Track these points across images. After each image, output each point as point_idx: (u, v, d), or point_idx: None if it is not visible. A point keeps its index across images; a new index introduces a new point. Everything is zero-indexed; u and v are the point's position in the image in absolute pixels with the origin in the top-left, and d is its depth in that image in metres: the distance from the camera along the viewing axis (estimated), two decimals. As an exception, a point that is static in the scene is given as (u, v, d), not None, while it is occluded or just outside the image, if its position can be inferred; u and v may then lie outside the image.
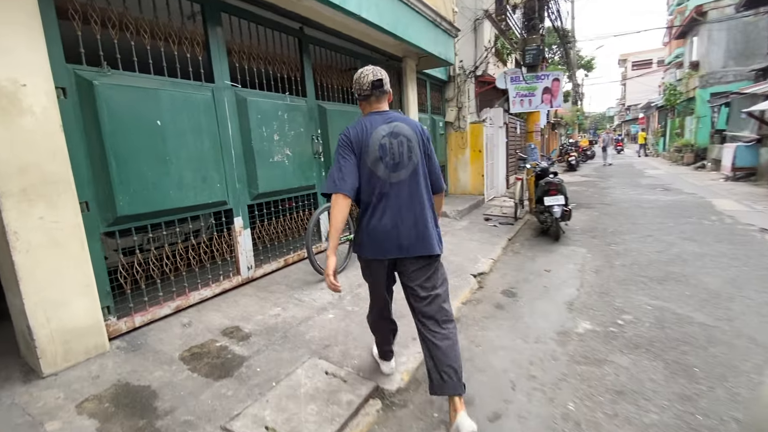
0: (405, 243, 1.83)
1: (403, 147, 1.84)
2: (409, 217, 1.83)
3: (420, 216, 1.85)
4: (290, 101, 3.97)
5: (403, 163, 1.84)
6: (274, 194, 3.80)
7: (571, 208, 5.41)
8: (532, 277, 4.09)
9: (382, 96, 1.96)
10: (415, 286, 1.92)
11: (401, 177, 1.84)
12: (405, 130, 1.86)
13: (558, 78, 6.91)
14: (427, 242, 1.85)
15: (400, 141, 1.84)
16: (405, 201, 1.84)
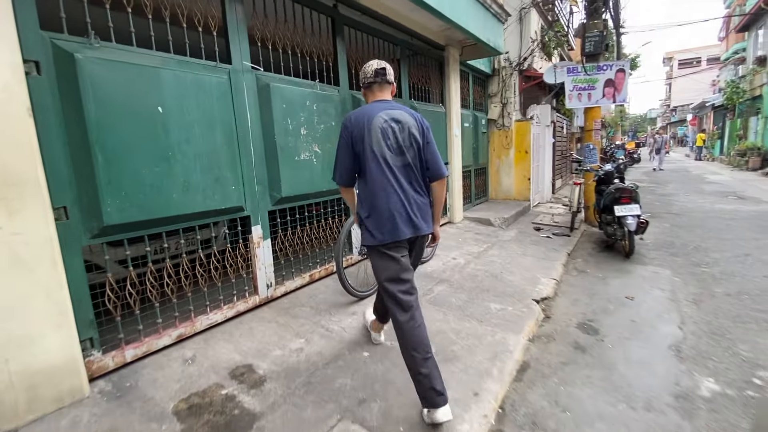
0: (416, 223, 1.92)
1: (404, 133, 1.91)
2: (416, 199, 1.94)
3: (423, 198, 1.98)
4: (320, 90, 3.38)
5: (405, 147, 1.91)
6: (300, 198, 3.22)
7: (648, 219, 4.54)
8: (611, 306, 3.30)
9: (384, 85, 2.06)
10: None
11: (406, 161, 1.92)
12: (406, 118, 1.94)
13: (623, 69, 6.01)
14: (429, 222, 2.00)
15: (401, 127, 1.90)
16: (410, 184, 1.94)
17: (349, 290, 3.09)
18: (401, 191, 1.89)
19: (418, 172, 1.96)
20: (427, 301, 3.26)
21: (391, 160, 1.88)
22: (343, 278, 3.04)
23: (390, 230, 1.87)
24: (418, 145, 1.93)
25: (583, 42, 6.08)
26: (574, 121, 12.25)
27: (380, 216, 1.88)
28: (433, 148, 1.99)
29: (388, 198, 1.87)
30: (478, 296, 3.39)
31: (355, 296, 3.14)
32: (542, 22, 9.71)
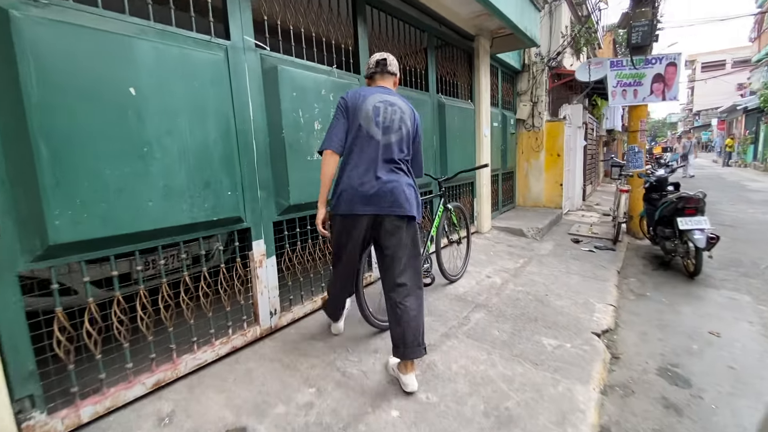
0: (388, 201, 1.89)
1: (396, 115, 1.98)
2: (394, 178, 1.92)
3: (402, 179, 1.95)
4: (338, 77, 2.84)
5: (393, 128, 1.96)
6: (312, 206, 2.66)
7: (718, 234, 3.87)
8: (694, 345, 2.66)
9: (386, 75, 2.14)
10: (386, 251, 1.97)
11: (391, 140, 1.95)
12: (399, 103, 2.03)
13: (675, 62, 5.34)
14: (405, 204, 1.92)
15: (393, 110, 1.98)
16: (388, 163, 1.93)
17: (369, 319, 2.51)
18: (378, 168, 1.90)
19: (402, 154, 1.97)
20: (465, 334, 2.66)
21: (376, 136, 1.93)
22: (363, 304, 2.47)
23: (348, 203, 1.92)
24: (407, 129, 1.99)
25: (629, 33, 5.43)
26: (603, 123, 11.53)
27: (348, 187, 1.92)
28: (420, 147, 2.09)
29: (363, 172, 1.90)
30: (525, 327, 2.79)
31: (375, 326, 2.57)
32: (572, 17, 9.07)
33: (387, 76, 2.13)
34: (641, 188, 5.36)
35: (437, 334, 2.64)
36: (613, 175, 6.29)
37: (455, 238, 3.74)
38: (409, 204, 1.92)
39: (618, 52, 14.99)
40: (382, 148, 1.92)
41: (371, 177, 1.89)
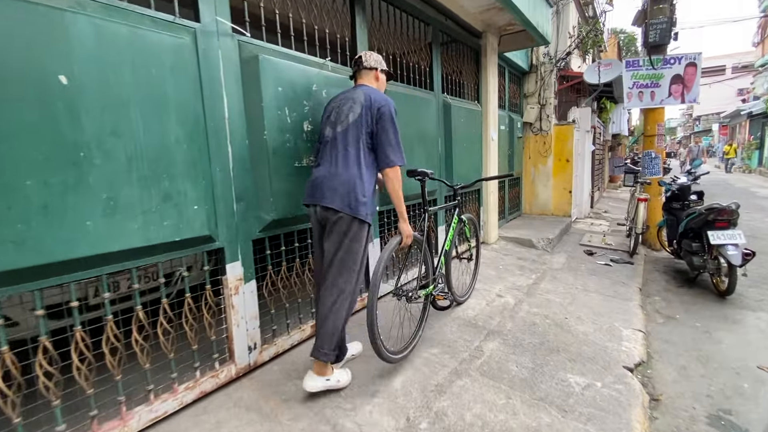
0: (326, 192, 1.86)
1: (345, 107, 1.96)
2: (333, 171, 1.89)
3: (342, 171, 1.87)
4: (332, 71, 2.47)
5: (339, 120, 1.95)
6: (300, 220, 2.28)
7: (753, 250, 3.49)
8: (744, 384, 2.28)
9: (362, 71, 2.12)
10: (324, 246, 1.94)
11: (335, 133, 1.94)
12: (356, 95, 1.97)
13: (695, 62, 4.99)
14: (337, 197, 1.84)
15: (349, 106, 1.96)
16: (333, 155, 1.92)
17: (382, 352, 2.04)
18: (327, 163, 1.93)
19: (348, 145, 1.91)
20: (479, 370, 2.28)
21: (327, 134, 1.98)
22: (376, 333, 1.98)
23: (307, 193, 1.96)
24: (354, 117, 1.92)
25: (645, 30, 5.09)
26: (609, 127, 11.19)
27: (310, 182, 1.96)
28: (386, 134, 1.92)
29: (318, 169, 1.96)
30: (547, 360, 2.41)
31: (387, 360, 2.13)
32: (579, 18, 8.76)
33: (365, 73, 2.11)
34: (660, 197, 5.01)
35: (446, 370, 2.25)
36: (628, 183, 5.94)
37: (466, 255, 3.35)
38: (332, 200, 1.84)
39: (621, 56, 14.71)
40: (329, 143, 1.95)
41: (317, 170, 1.96)
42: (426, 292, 2.47)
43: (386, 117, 1.92)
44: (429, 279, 2.50)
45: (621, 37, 14.42)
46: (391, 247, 2.08)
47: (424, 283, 2.45)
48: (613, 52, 14.30)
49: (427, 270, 2.46)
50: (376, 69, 2.12)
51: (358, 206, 1.85)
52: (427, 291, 2.48)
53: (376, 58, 2.14)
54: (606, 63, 6.71)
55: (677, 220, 4.22)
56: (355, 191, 1.85)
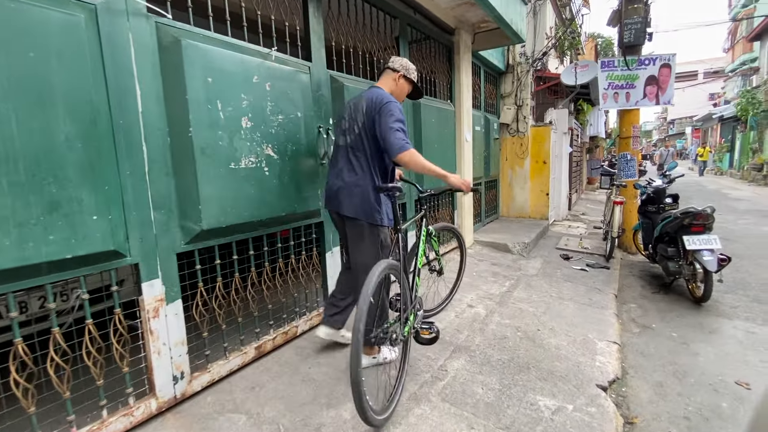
0: (343, 201, 1.99)
1: (356, 114, 2.02)
2: (344, 178, 2.00)
3: (354, 179, 1.98)
4: (278, 62, 2.21)
5: (350, 130, 2.03)
6: (238, 230, 2.02)
7: (729, 255, 3.40)
8: (723, 404, 2.12)
9: (385, 72, 2.19)
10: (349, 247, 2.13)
11: (347, 141, 2.04)
12: (361, 104, 2.01)
13: (669, 64, 4.93)
14: (353, 206, 1.97)
15: (356, 109, 2.03)
16: (349, 163, 2.01)
17: (369, 416, 1.59)
18: (343, 170, 2.02)
19: (360, 155, 2.00)
20: (440, 394, 2.05)
21: (340, 141, 2.09)
22: (362, 391, 1.54)
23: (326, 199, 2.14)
24: (359, 128, 1.99)
25: (620, 31, 5.00)
26: (587, 129, 11.24)
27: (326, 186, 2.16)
28: (381, 127, 1.92)
29: (334, 174, 2.07)
30: (516, 380, 2.20)
31: (373, 424, 1.66)
32: (557, 19, 8.73)
33: (386, 73, 2.17)
34: (636, 200, 4.92)
35: (404, 396, 2.02)
36: (604, 185, 5.86)
37: (436, 267, 2.83)
38: (347, 207, 1.99)
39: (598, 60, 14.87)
40: (340, 150, 2.07)
41: (334, 177, 2.07)
42: (408, 327, 2.02)
43: (384, 110, 1.92)
44: (409, 310, 2.05)
45: (599, 41, 14.58)
46: (379, 272, 1.68)
47: (405, 317, 2.01)
48: (591, 55, 14.43)
49: (405, 300, 2.00)
50: (399, 72, 2.14)
51: (373, 213, 1.98)
52: (408, 326, 2.02)
53: (404, 63, 2.17)
54: (583, 64, 6.64)
55: (653, 224, 4.11)
56: (370, 201, 1.98)
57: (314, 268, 2.60)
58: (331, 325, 2.29)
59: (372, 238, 2.01)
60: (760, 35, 15.65)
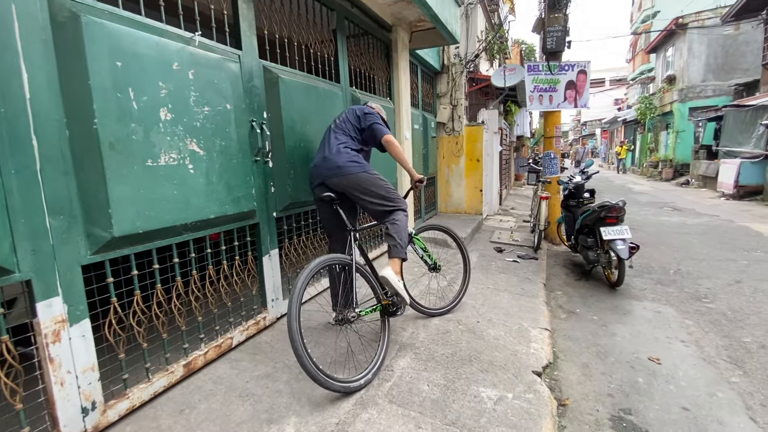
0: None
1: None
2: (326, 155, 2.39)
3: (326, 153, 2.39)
4: (202, 48, 2.00)
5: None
6: (157, 236, 1.79)
7: (638, 243, 3.81)
8: (640, 379, 2.36)
9: None
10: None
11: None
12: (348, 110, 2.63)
13: (585, 70, 5.42)
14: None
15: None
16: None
17: (318, 376, 1.84)
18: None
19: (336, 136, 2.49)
20: (387, 396, 2.02)
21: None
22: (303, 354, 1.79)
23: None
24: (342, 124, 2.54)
25: (543, 37, 5.38)
26: (514, 129, 12.02)
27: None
28: (368, 125, 2.51)
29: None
30: (459, 375, 2.24)
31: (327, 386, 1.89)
32: (487, 24, 9.18)
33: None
34: (559, 195, 5.33)
35: (350, 401, 1.95)
36: (531, 181, 6.29)
37: (428, 262, 3.12)
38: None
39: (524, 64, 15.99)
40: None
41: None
42: (379, 308, 2.37)
43: (364, 117, 2.52)
44: (379, 296, 2.39)
45: (523, 47, 15.65)
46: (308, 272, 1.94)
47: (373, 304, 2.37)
48: (517, 59, 15.47)
49: (374, 288, 2.40)
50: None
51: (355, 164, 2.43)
52: (378, 307, 2.37)
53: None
54: (510, 68, 7.05)
55: (574, 217, 4.48)
56: (354, 157, 2.46)
57: (250, 273, 2.42)
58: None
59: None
60: (656, 48, 17.92)
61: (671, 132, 15.29)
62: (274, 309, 2.63)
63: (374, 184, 2.36)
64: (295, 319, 1.77)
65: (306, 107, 2.82)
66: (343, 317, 2.13)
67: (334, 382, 1.87)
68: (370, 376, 2.06)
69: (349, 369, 2.17)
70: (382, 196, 2.37)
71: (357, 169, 2.33)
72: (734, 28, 13.07)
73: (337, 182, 2.32)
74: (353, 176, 2.31)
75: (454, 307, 3.12)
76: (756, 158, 9.15)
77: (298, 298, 1.82)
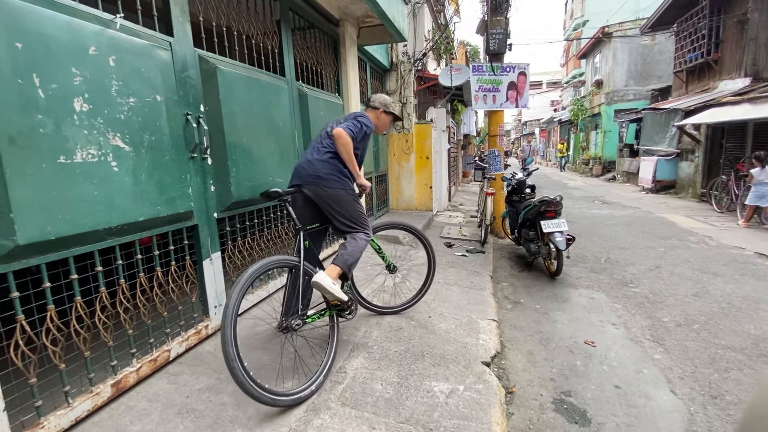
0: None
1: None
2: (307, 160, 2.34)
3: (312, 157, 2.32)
4: (124, 32, 1.81)
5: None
6: (74, 242, 1.59)
7: (574, 235, 4.08)
8: (578, 362, 2.52)
9: (366, 108, 2.67)
10: None
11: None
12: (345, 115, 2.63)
13: (525, 72, 5.70)
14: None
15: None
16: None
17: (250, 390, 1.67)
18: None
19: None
20: (340, 399, 1.97)
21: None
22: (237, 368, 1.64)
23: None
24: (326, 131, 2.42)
25: (487, 39, 5.58)
26: (461, 128, 12.41)
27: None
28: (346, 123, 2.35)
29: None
30: (412, 371, 2.25)
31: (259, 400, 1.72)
32: (434, 24, 9.36)
33: (369, 110, 2.60)
34: (503, 191, 5.58)
35: (302, 408, 1.88)
36: (477, 178, 6.52)
37: (384, 263, 3.01)
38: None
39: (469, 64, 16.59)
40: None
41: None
42: (328, 312, 2.29)
43: (354, 118, 2.36)
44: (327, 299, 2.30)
45: (468, 48, 16.20)
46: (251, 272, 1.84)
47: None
48: (463, 60, 16.00)
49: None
50: (379, 109, 2.56)
51: (334, 179, 2.33)
52: (327, 312, 2.29)
53: (383, 101, 2.58)
54: (457, 68, 7.24)
55: (517, 212, 4.71)
56: (336, 172, 2.35)
57: (189, 279, 2.24)
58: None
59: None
60: (586, 54, 19.39)
61: (600, 132, 16.67)
62: (218, 316, 2.46)
63: (349, 204, 2.33)
64: (230, 333, 1.64)
65: (248, 100, 2.67)
66: (287, 325, 2.02)
67: (277, 397, 1.76)
68: (321, 379, 2.00)
69: (299, 376, 2.09)
70: (352, 218, 2.35)
71: (336, 185, 2.27)
72: (651, 39, 14.50)
73: (314, 190, 2.27)
74: (331, 191, 2.27)
75: (414, 305, 3.09)
76: (670, 156, 10.24)
77: (233, 309, 1.68)
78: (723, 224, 6.50)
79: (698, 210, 7.89)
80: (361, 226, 2.38)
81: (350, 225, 2.35)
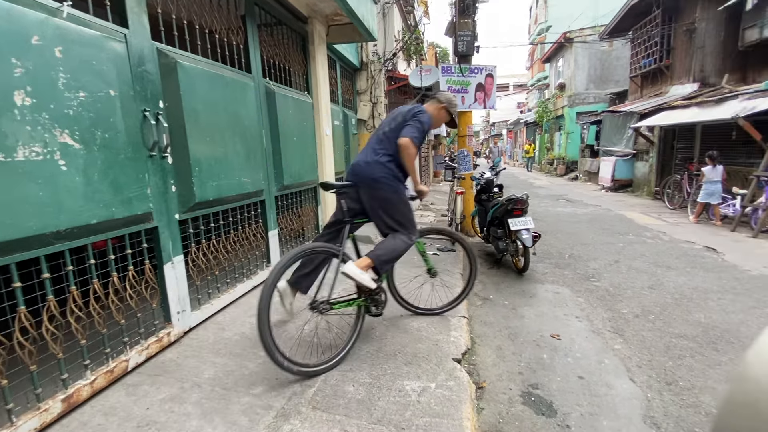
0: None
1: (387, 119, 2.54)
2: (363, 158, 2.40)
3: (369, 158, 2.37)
4: (72, 21, 1.69)
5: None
6: (16, 247, 1.47)
7: (540, 232, 4.21)
8: (544, 356, 2.60)
9: (430, 100, 2.68)
10: None
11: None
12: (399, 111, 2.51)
13: (492, 74, 5.84)
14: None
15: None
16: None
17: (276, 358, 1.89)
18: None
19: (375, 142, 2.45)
20: (311, 402, 1.93)
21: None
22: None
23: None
24: (389, 128, 2.45)
25: (455, 41, 5.67)
26: (431, 128, 12.54)
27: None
28: (403, 127, 2.36)
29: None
30: (384, 370, 2.24)
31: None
32: (403, 24, 9.41)
33: (432, 101, 2.64)
34: (473, 190, 5.69)
35: (270, 415, 1.83)
36: (447, 178, 6.61)
37: (424, 266, 3.18)
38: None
39: (438, 66, 16.83)
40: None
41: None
42: (357, 302, 2.44)
43: (413, 117, 2.36)
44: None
45: (437, 50, 16.42)
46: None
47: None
48: (433, 61, 16.20)
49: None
50: (443, 104, 2.60)
51: (390, 180, 2.39)
52: (356, 302, 2.43)
53: (448, 98, 2.62)
54: (426, 68, 7.32)
55: (486, 210, 4.81)
56: (388, 169, 2.41)
57: (149, 284, 2.13)
58: (294, 285, 2.45)
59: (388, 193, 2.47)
60: (550, 58, 20.13)
61: (563, 133, 17.36)
62: (181, 322, 2.35)
63: (395, 207, 2.40)
64: (266, 303, 1.85)
65: (212, 97, 2.57)
66: (317, 305, 2.19)
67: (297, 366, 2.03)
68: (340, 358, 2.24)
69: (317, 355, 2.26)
70: (396, 221, 2.42)
71: (389, 189, 2.35)
72: (609, 45, 15.24)
73: (367, 192, 2.35)
74: (383, 193, 2.35)
75: (453, 308, 3.06)
76: (627, 156, 10.81)
77: (273, 280, 1.90)
78: (675, 220, 6.93)
79: (653, 207, 8.36)
80: (404, 229, 2.44)
81: (392, 227, 2.43)
